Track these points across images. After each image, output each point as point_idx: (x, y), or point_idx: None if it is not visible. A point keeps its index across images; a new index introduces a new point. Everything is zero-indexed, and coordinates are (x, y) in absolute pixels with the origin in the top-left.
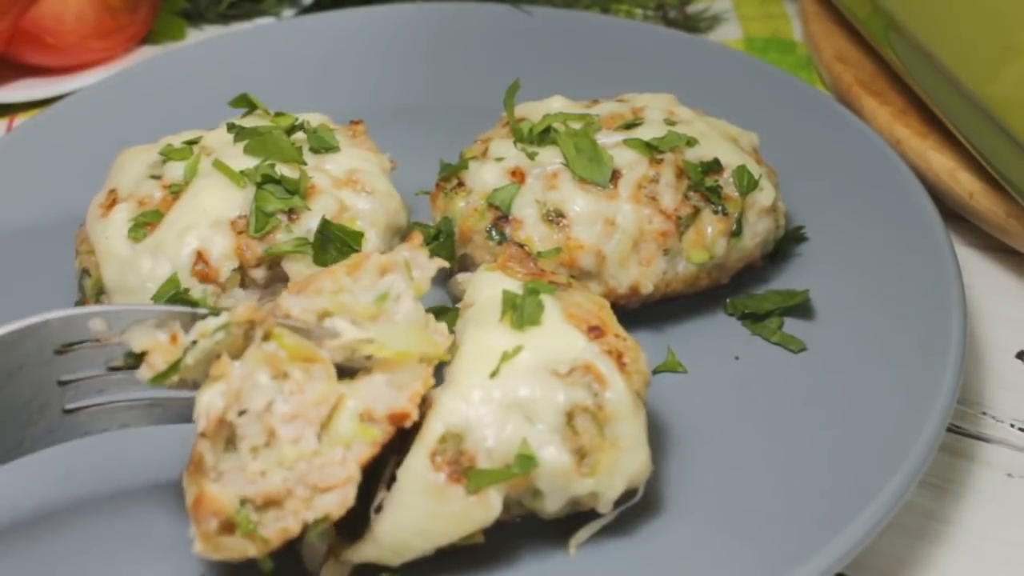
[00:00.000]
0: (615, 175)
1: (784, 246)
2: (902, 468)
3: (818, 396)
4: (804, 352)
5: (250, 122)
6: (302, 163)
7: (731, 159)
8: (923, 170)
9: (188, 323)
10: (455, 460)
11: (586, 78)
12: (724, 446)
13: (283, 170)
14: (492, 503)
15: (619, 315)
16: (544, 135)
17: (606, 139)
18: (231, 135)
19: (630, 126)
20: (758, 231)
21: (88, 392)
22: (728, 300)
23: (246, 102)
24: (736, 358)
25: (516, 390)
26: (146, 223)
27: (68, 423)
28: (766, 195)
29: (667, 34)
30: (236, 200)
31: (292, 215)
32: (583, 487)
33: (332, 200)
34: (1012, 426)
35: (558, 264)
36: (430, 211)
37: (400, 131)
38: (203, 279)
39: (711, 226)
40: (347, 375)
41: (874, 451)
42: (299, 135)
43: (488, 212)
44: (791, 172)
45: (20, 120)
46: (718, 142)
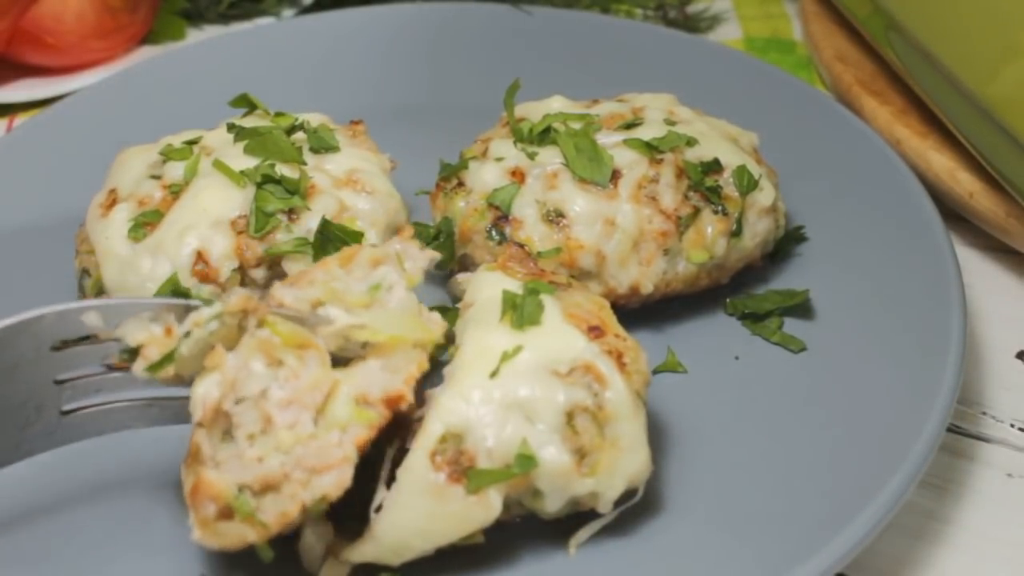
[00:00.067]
0: (615, 175)
1: (784, 246)
2: (902, 468)
3: (818, 396)
4: (804, 352)
5: (250, 122)
6: (302, 163)
7: (731, 159)
8: (923, 170)
9: (182, 316)
10: (455, 460)
11: (586, 78)
12: (724, 446)
13: (283, 170)
14: (492, 503)
15: (619, 315)
16: (544, 135)
17: (606, 139)
18: (231, 135)
19: (630, 126)
20: (758, 231)
21: (85, 392)
22: (728, 300)
23: (246, 102)
24: (736, 358)
25: (516, 390)
26: (146, 223)
27: (66, 425)
28: (766, 195)
29: (667, 34)
30: (236, 200)
31: (292, 215)
32: (583, 487)
33: (332, 200)
34: (1012, 426)
35: (558, 264)
36: (430, 211)
37: (400, 131)
38: (203, 279)
39: (711, 226)
40: (341, 364)
41: (874, 451)
42: (299, 135)
43: (488, 212)
44: (791, 172)
45: (20, 120)
46: (718, 142)
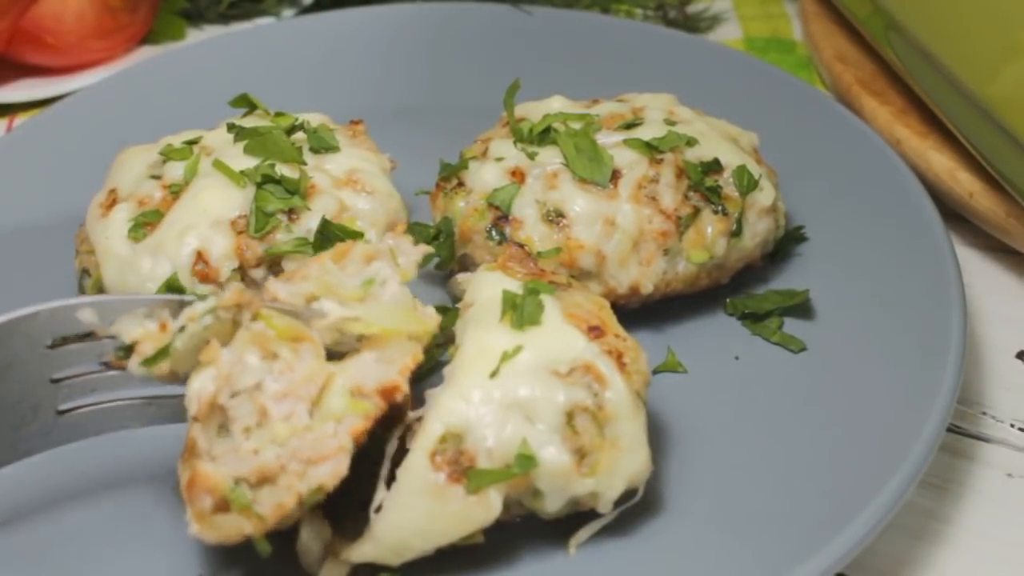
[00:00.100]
0: (615, 175)
1: (784, 246)
2: (902, 468)
3: (818, 396)
4: (804, 352)
5: (250, 122)
6: (302, 163)
7: (731, 159)
8: (923, 170)
9: (177, 311)
10: (455, 460)
11: (586, 78)
12: (724, 446)
13: (283, 170)
14: (492, 503)
15: (619, 315)
16: (544, 135)
17: (606, 139)
18: (231, 135)
19: (630, 126)
20: (758, 231)
21: (82, 391)
22: (728, 300)
23: (246, 102)
24: (736, 358)
25: (516, 390)
26: (146, 223)
27: (62, 425)
28: (766, 195)
29: (667, 34)
30: (236, 200)
31: (292, 215)
32: (583, 487)
33: (332, 200)
34: (1012, 426)
35: (558, 264)
36: (430, 211)
37: (400, 131)
38: (203, 279)
39: (711, 226)
40: (337, 359)
41: (874, 451)
42: (299, 135)
43: (488, 212)
44: (791, 172)
45: (20, 120)
46: (718, 142)
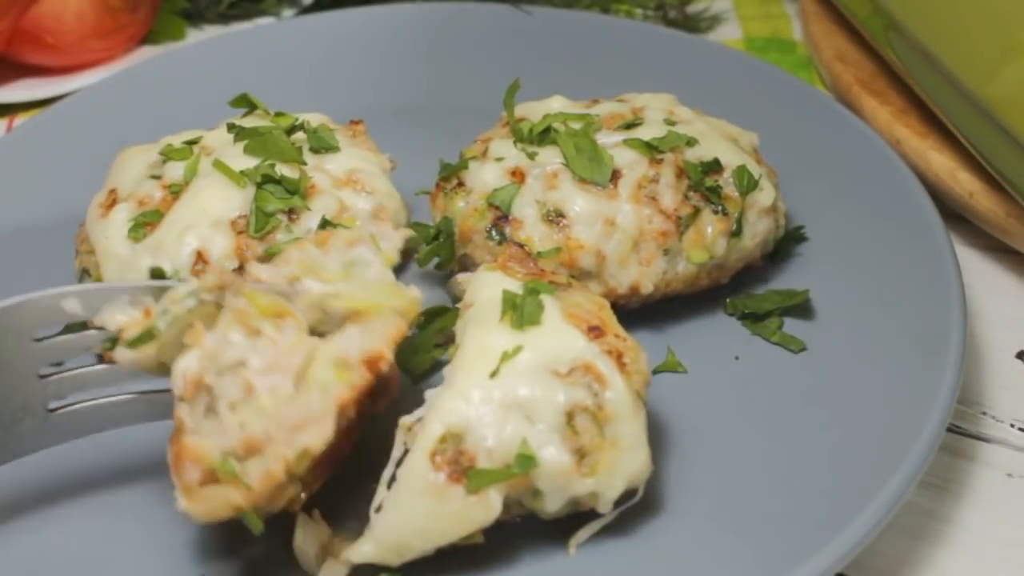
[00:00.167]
0: (615, 175)
1: (784, 246)
2: (902, 468)
3: (818, 396)
4: (804, 352)
5: (250, 122)
6: (302, 163)
7: (731, 159)
8: (923, 170)
9: (160, 297)
10: (455, 460)
11: (586, 78)
12: (724, 446)
13: (283, 170)
14: (492, 503)
15: (619, 315)
16: (544, 135)
17: (606, 139)
18: (231, 135)
19: (630, 126)
20: (758, 231)
21: (71, 388)
22: (728, 300)
23: (246, 102)
24: (736, 358)
25: (516, 390)
26: (146, 223)
27: (53, 424)
28: (766, 195)
29: (667, 34)
30: (236, 200)
31: (292, 215)
32: (583, 487)
33: (332, 200)
34: (1012, 426)
35: (558, 264)
36: (430, 211)
37: (400, 131)
38: None
39: (711, 226)
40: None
41: (874, 451)
42: (299, 135)
43: (488, 212)
44: (791, 172)
45: (20, 120)
46: (718, 142)
